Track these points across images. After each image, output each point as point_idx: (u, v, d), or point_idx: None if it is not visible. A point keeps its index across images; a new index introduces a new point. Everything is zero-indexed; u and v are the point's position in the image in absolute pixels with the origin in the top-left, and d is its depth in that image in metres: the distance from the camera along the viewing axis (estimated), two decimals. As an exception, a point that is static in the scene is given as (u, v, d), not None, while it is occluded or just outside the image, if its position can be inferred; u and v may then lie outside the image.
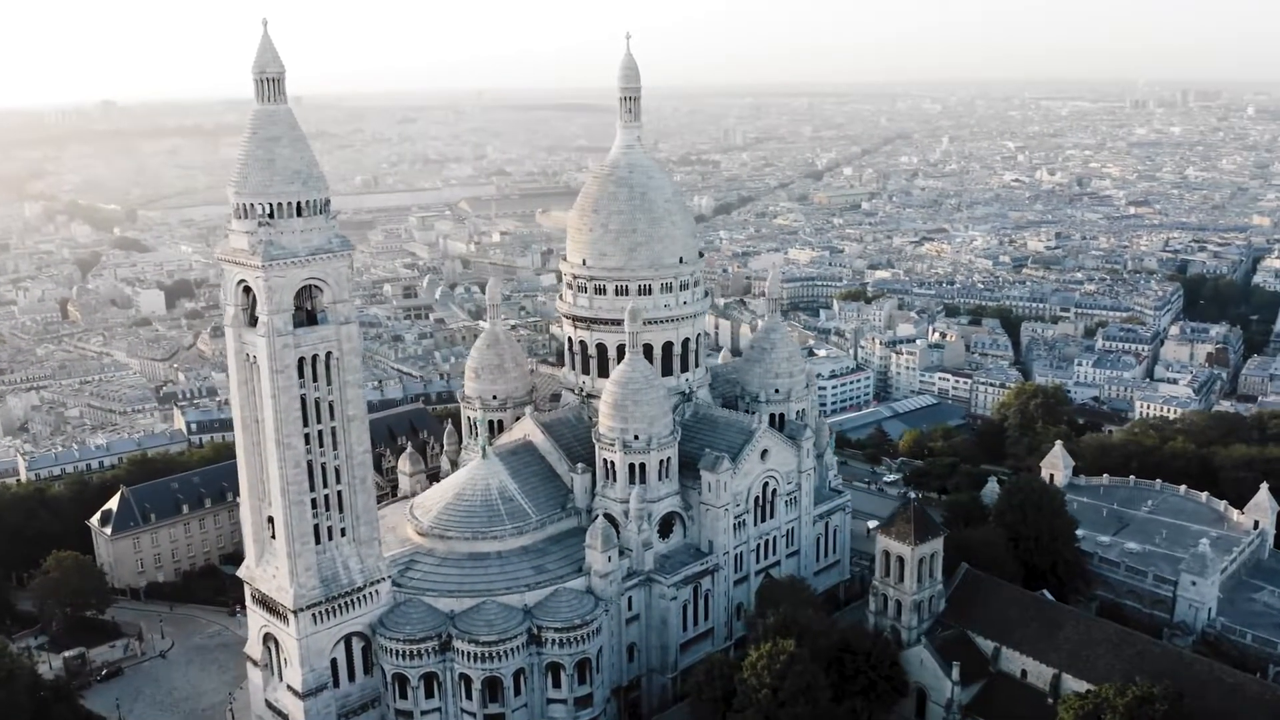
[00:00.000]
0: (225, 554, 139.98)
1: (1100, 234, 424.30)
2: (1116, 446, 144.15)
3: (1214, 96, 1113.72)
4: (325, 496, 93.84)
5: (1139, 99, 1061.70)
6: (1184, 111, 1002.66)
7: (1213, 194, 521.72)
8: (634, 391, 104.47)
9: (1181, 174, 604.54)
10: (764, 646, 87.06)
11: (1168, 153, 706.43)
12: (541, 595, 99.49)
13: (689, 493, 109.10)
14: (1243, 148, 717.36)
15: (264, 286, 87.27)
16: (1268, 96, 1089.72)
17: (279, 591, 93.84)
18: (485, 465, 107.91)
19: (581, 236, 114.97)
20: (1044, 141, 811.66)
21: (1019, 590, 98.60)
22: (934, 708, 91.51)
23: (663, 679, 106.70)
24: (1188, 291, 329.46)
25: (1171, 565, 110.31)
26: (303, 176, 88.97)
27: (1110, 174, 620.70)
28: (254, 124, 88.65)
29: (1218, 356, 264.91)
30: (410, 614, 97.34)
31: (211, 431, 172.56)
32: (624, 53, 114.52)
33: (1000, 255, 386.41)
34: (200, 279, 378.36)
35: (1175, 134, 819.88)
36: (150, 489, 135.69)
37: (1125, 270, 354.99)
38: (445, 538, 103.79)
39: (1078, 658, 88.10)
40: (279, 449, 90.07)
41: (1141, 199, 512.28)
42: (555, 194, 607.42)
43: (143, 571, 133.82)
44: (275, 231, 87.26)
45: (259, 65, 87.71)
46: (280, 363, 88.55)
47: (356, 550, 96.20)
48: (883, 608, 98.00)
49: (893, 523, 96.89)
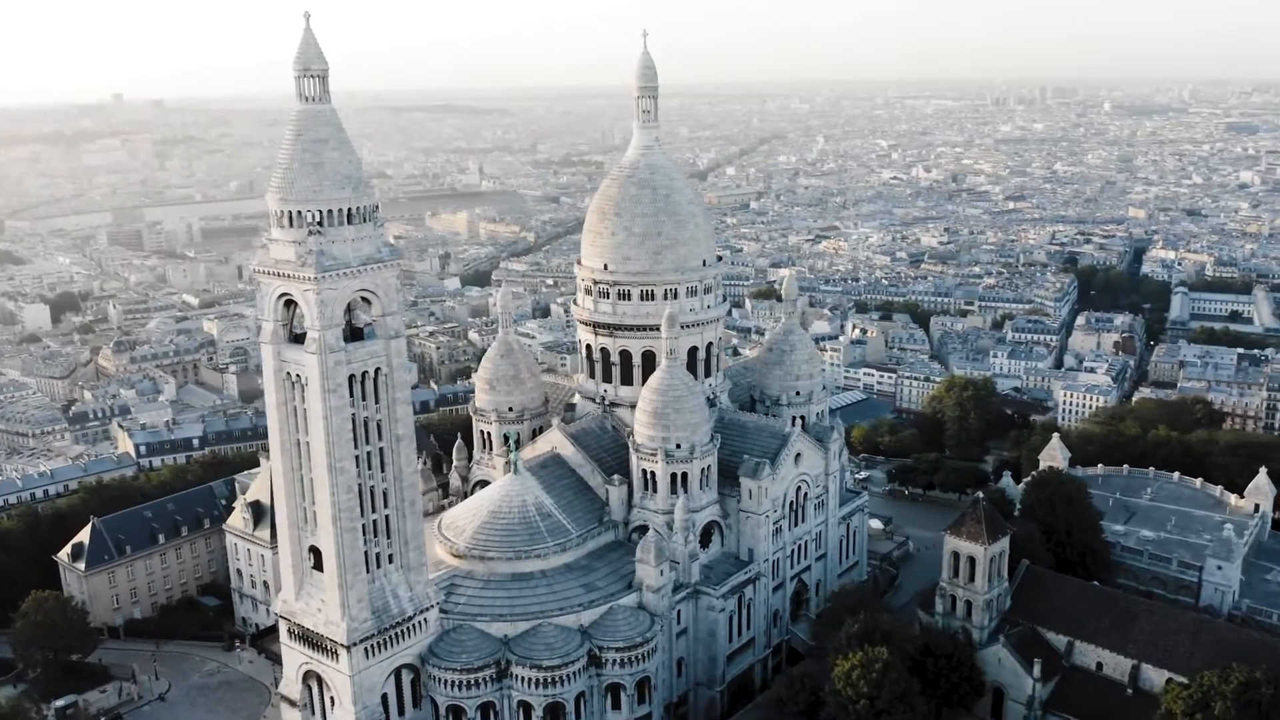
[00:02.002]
0: (204, 584, 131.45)
1: (986, 229, 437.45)
2: (1099, 437, 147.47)
3: (1071, 94, 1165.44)
4: (374, 522, 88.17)
5: (1000, 97, 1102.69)
6: (1043, 108, 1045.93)
7: (1084, 188, 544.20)
8: (675, 399, 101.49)
9: (1051, 169, 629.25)
10: (855, 655, 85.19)
11: (1034, 149, 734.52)
12: (596, 614, 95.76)
13: (726, 501, 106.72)
14: (1105, 143, 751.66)
15: (315, 300, 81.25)
16: (1122, 93, 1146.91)
17: (327, 626, 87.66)
18: (518, 481, 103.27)
19: (602, 240, 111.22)
20: (915, 139, 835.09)
21: (1084, 583, 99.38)
22: (1013, 706, 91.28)
23: (710, 692, 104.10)
24: (1081, 283, 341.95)
25: (1189, 551, 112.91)
26: (353, 181, 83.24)
27: (984, 170, 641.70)
28: (298, 125, 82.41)
29: (1125, 345, 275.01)
30: (463, 641, 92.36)
31: (162, 454, 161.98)
32: (641, 51, 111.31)
33: (897, 251, 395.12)
34: (85, 291, 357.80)
35: (1039, 130, 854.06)
36: (121, 519, 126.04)
37: (1019, 264, 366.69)
38: (485, 558, 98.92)
39: (1156, 647, 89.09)
40: (331, 474, 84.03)
41: (1017, 194, 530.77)
42: (442, 196, 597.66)
43: (118, 608, 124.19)
44: (326, 240, 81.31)
45: (302, 61, 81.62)
46: (333, 381, 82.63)
47: (405, 577, 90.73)
48: (950, 609, 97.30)
49: (962, 523, 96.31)
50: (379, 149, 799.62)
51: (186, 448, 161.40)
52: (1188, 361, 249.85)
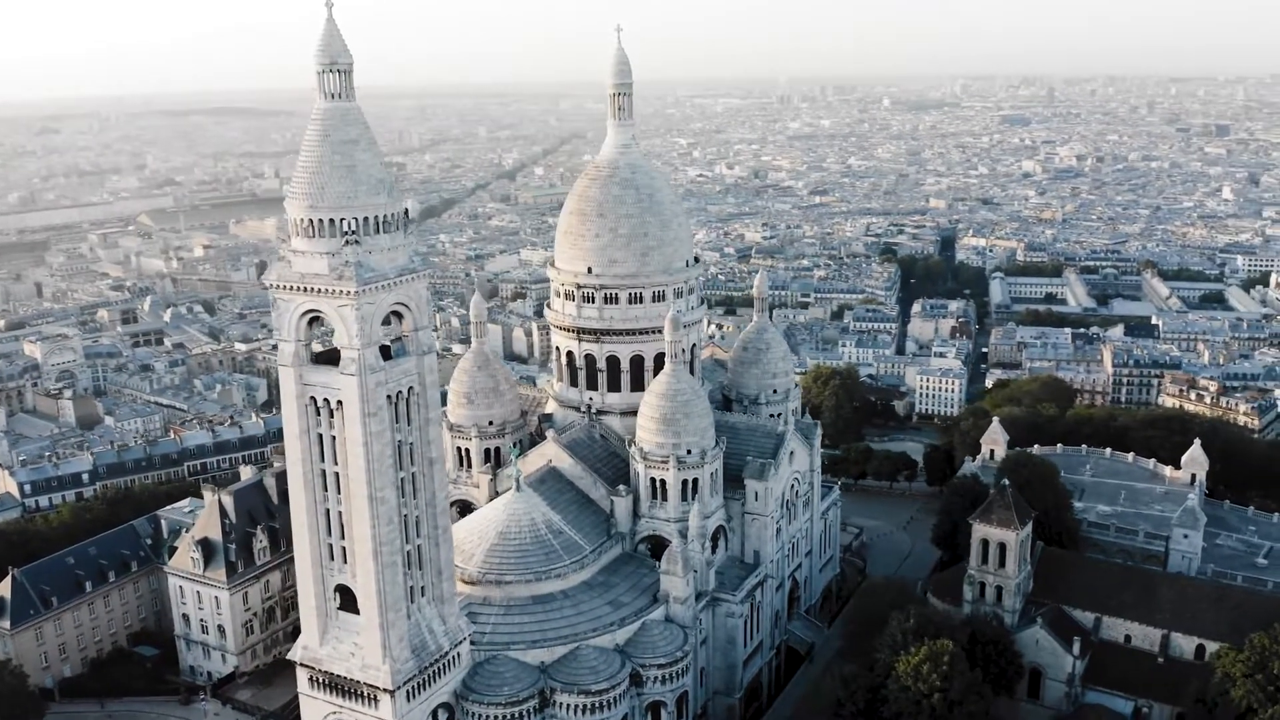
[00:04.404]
0: (135, 633, 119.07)
1: (800, 222, 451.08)
2: (1023, 419, 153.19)
3: (850, 90, 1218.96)
4: (407, 553, 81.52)
5: (784, 95, 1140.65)
6: (826, 105, 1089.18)
7: (879, 181, 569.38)
8: (683, 404, 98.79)
9: (845, 164, 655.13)
10: (920, 649, 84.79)
11: (825, 144, 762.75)
12: (629, 632, 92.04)
13: (729, 504, 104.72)
14: (890, 137, 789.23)
15: (355, 316, 74.18)
16: (898, 89, 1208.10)
17: (365, 670, 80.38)
18: (522, 499, 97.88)
19: (585, 243, 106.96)
20: (712, 137, 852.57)
21: (1101, 561, 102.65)
22: (1052, 685, 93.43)
23: (729, 700, 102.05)
24: (903, 272, 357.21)
25: (1149, 522, 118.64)
26: (386, 185, 76.84)
27: (783, 166, 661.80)
28: (325, 124, 75.11)
29: (961, 329, 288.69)
30: (500, 673, 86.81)
31: (50, 492, 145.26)
32: (615, 47, 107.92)
33: (725, 247, 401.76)
34: None
35: (826, 126, 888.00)
36: (42, 569, 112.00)
37: (844, 255, 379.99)
38: (502, 583, 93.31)
39: (1183, 616, 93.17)
40: (371, 504, 77.09)
41: (820, 188, 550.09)
42: (243, 203, 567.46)
43: (47, 667, 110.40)
44: (363, 250, 74.36)
45: (329, 55, 74.55)
46: (374, 404, 75.78)
47: (438, 611, 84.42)
48: (979, 595, 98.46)
49: (991, 510, 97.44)
50: (163, 155, 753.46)
51: (77, 484, 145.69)
52: (1027, 343, 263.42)
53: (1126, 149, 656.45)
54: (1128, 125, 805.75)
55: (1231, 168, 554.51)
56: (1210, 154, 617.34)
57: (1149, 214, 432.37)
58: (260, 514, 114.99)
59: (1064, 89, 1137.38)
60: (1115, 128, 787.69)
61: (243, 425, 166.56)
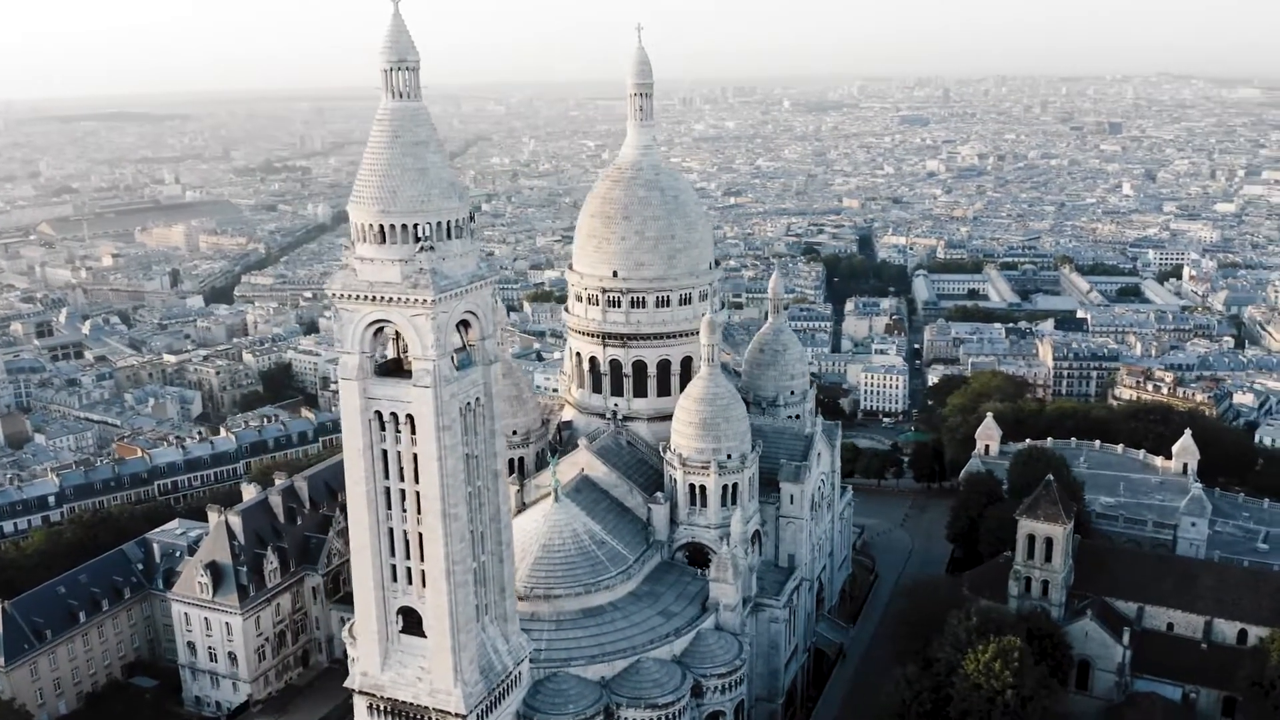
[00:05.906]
0: (127, 664, 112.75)
1: (720, 223, 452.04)
2: (1007, 414, 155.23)
3: (750, 92, 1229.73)
4: (474, 570, 78.40)
5: (686, 96, 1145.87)
6: (728, 107, 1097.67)
7: (789, 181, 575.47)
8: (723, 408, 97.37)
9: (754, 165, 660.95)
10: (989, 646, 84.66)
11: (732, 145, 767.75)
12: (685, 643, 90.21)
13: (763, 508, 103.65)
14: (795, 138, 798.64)
15: (431, 326, 70.89)
16: (798, 90, 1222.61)
17: (434, 696, 76.99)
18: (562, 510, 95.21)
19: (609, 246, 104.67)
20: (619, 139, 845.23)
21: (1137, 551, 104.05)
22: (1101, 675, 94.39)
23: (771, 705, 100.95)
24: (827, 271, 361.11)
25: (1153, 511, 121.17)
26: (457, 189, 73.61)
27: (693, 167, 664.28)
28: (393, 125, 71.54)
29: (895, 327, 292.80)
30: (564, 690, 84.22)
31: (15, 517, 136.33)
32: (635, 47, 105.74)
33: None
34: None
35: (731, 128, 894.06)
36: (33, 600, 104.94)
37: (769, 255, 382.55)
38: (551, 597, 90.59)
39: (1224, 602, 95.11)
40: (444, 521, 73.84)
41: (733, 189, 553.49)
42: (146, 210, 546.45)
43: (43, 704, 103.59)
44: (437, 257, 71.16)
45: (396, 52, 70.89)
46: (448, 417, 72.58)
47: (501, 629, 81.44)
48: (1025, 589, 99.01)
49: (1037, 506, 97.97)
50: (56, 162, 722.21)
51: (43, 507, 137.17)
52: (964, 339, 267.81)
53: (1025, 147, 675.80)
54: (1023, 124, 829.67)
55: (1128, 164, 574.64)
56: (1106, 151, 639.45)
57: (1054, 210, 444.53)
58: (268, 534, 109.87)
59: (958, 89, 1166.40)
60: (1012, 127, 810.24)
61: (214, 441, 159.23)
